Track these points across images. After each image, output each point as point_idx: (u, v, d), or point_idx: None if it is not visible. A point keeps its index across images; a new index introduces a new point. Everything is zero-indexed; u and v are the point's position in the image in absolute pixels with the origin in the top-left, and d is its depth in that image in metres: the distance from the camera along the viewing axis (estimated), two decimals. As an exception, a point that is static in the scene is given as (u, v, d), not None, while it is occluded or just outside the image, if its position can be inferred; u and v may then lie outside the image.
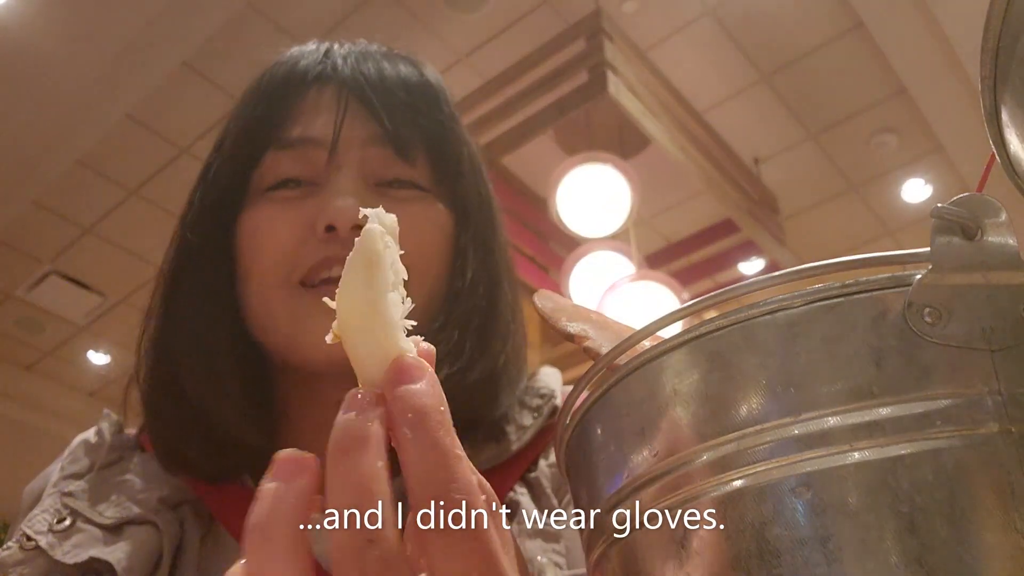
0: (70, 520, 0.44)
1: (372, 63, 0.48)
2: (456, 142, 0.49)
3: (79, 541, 0.43)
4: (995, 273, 0.25)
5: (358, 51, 0.50)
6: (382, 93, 0.47)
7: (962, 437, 0.23)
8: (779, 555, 0.23)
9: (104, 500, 0.45)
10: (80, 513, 0.44)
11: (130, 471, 0.47)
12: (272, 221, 0.46)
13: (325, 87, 0.48)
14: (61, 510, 0.45)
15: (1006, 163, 0.29)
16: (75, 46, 2.71)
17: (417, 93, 0.48)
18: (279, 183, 0.47)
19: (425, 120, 0.48)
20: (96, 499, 0.45)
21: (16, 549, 0.44)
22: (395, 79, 0.48)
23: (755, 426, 0.25)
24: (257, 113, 0.49)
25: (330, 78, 0.48)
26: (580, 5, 2.67)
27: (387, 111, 0.46)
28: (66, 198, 3.46)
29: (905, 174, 3.41)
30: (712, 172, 2.71)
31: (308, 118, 0.47)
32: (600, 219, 2.45)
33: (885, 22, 2.72)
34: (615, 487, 0.28)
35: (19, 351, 4.46)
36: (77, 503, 0.45)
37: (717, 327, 0.26)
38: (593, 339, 0.35)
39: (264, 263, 0.45)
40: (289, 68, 0.50)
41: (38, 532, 0.44)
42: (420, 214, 0.47)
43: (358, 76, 0.47)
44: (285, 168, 0.47)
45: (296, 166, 0.47)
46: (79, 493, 0.46)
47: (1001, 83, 0.27)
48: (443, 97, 0.50)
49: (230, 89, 3.03)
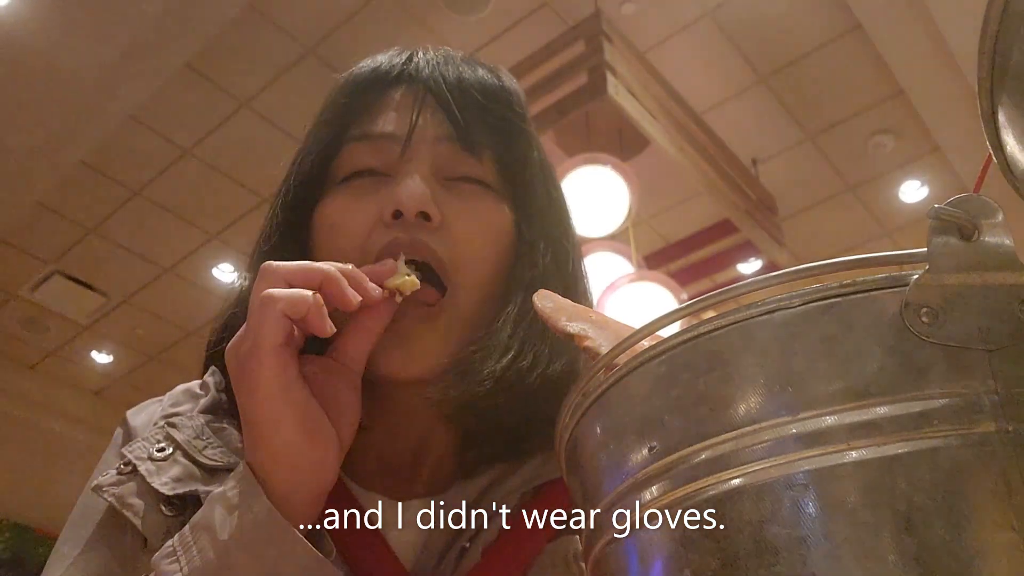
0: (171, 450, 0.45)
1: (452, 66, 0.51)
2: (525, 146, 0.51)
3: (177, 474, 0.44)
4: (992, 273, 0.25)
5: (440, 56, 0.52)
6: (457, 94, 0.49)
7: (959, 436, 0.23)
8: (777, 553, 0.23)
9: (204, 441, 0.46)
10: (180, 446, 0.46)
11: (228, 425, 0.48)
12: (346, 209, 0.48)
13: (405, 86, 0.50)
14: (162, 440, 0.46)
15: (1003, 164, 0.29)
16: (78, 47, 2.71)
17: (491, 96, 0.50)
18: (355, 173, 0.49)
19: (495, 121, 0.50)
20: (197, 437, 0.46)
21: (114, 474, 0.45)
22: (472, 81, 0.50)
23: (753, 425, 0.25)
24: (339, 108, 0.51)
25: (411, 78, 0.50)
26: (579, 7, 2.67)
27: (460, 110, 0.48)
28: (70, 198, 3.46)
29: (902, 175, 3.41)
30: (711, 173, 2.71)
31: (386, 114, 0.49)
32: (599, 219, 2.45)
33: (883, 24, 2.73)
34: (615, 486, 0.28)
35: (23, 350, 4.46)
36: (179, 435, 0.46)
37: (716, 327, 0.26)
38: (593, 339, 0.35)
39: (337, 249, 0.47)
40: (372, 68, 0.52)
41: (138, 458, 0.45)
42: (482, 208, 0.48)
43: (437, 77, 0.50)
44: (362, 159, 0.49)
45: (372, 158, 0.49)
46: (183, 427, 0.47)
47: (998, 85, 0.27)
48: (516, 101, 0.52)
49: (232, 90, 3.02)
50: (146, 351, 4.45)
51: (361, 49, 2.37)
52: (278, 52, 2.90)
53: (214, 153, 3.28)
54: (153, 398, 0.54)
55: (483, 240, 0.47)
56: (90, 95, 2.87)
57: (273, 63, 2.95)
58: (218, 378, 0.51)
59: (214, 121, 3.15)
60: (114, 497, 0.44)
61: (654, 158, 2.77)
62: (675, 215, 3.52)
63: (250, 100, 3.08)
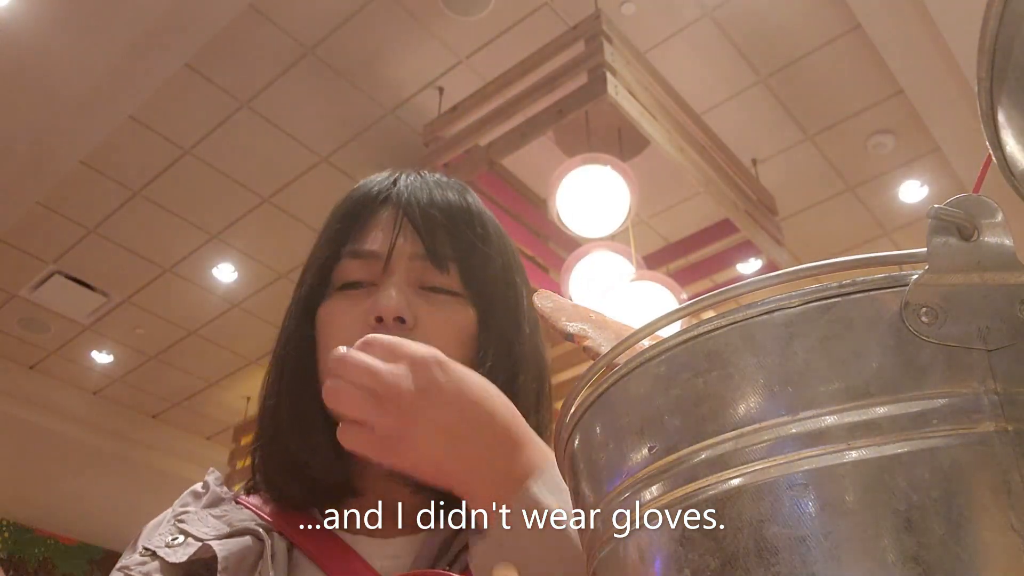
0: (183, 539, 0.55)
1: (425, 191, 0.61)
2: (483, 257, 0.61)
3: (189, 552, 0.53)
4: (991, 273, 0.25)
5: (417, 180, 0.63)
6: (426, 217, 0.60)
7: (959, 436, 0.23)
8: (777, 553, 0.23)
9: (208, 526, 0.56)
10: (190, 533, 0.55)
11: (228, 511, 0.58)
12: (340, 314, 0.59)
13: (387, 209, 0.61)
14: (176, 532, 0.56)
15: (1002, 164, 0.29)
16: (79, 48, 2.71)
17: (455, 217, 0.61)
18: (348, 284, 0.60)
19: (458, 238, 0.60)
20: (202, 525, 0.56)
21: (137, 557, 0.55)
22: (442, 205, 0.61)
23: (753, 425, 0.25)
24: (335, 228, 0.62)
25: (392, 201, 0.61)
26: (579, 7, 2.67)
27: (429, 231, 0.59)
28: (70, 198, 3.46)
29: (902, 175, 3.41)
30: (710, 173, 2.71)
31: (373, 234, 0.60)
32: (599, 220, 2.45)
33: (882, 24, 2.73)
34: (614, 486, 0.28)
35: (23, 350, 4.46)
36: (188, 528, 0.56)
37: (715, 327, 0.26)
38: (592, 338, 0.35)
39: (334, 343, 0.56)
40: (364, 192, 0.63)
41: (156, 546, 0.55)
42: (449, 312, 0.59)
43: (412, 201, 0.60)
44: (353, 273, 0.60)
45: (361, 271, 0.60)
46: (190, 521, 0.57)
47: (997, 84, 0.27)
48: (478, 220, 0.62)
49: (232, 90, 3.03)
50: (146, 351, 4.45)
51: (361, 49, 2.38)
52: (278, 52, 2.90)
53: (214, 153, 3.28)
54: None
55: (448, 338, 0.57)
56: (90, 95, 2.87)
57: (273, 63, 2.95)
58: (216, 475, 0.63)
59: (214, 121, 3.15)
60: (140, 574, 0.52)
61: (654, 158, 2.77)
62: (675, 215, 3.52)
63: (250, 100, 3.08)
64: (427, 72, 2.99)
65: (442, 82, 3.02)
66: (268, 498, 0.60)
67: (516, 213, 3.02)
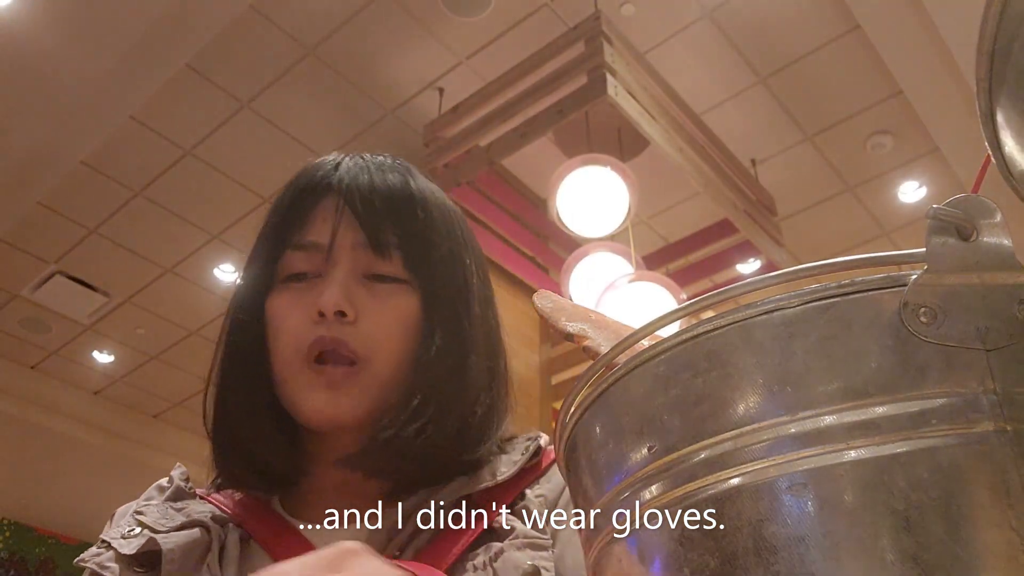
0: (138, 530, 0.56)
1: (366, 176, 0.60)
2: (427, 241, 0.60)
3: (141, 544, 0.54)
4: (990, 273, 0.25)
5: (359, 164, 0.62)
6: (367, 204, 0.59)
7: (957, 436, 0.23)
8: (776, 552, 0.23)
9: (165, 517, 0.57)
10: (147, 525, 0.56)
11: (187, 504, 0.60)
12: (287, 307, 0.59)
13: (329, 198, 0.60)
14: (133, 525, 0.57)
15: (1001, 164, 0.29)
16: (79, 48, 2.71)
17: (396, 202, 0.60)
18: (292, 276, 0.60)
19: (400, 224, 0.59)
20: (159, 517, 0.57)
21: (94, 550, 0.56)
22: (381, 189, 0.60)
23: (752, 424, 0.25)
24: (278, 219, 0.61)
25: (333, 190, 0.60)
26: (579, 8, 2.67)
27: (369, 220, 0.58)
28: (71, 199, 3.46)
29: (901, 175, 3.41)
30: (710, 173, 2.71)
31: (315, 224, 0.60)
32: (599, 220, 2.45)
33: (882, 25, 2.73)
34: (614, 486, 0.28)
35: (24, 350, 4.46)
36: (145, 519, 0.57)
37: (715, 327, 0.26)
38: (592, 338, 0.35)
39: (280, 341, 0.58)
40: (307, 179, 0.62)
41: (112, 538, 0.56)
42: (392, 301, 0.58)
43: (352, 188, 0.59)
44: (297, 264, 0.60)
45: (304, 263, 0.59)
46: (148, 512, 0.58)
47: (997, 85, 0.27)
48: (420, 203, 0.61)
49: (233, 91, 3.03)
50: (147, 351, 4.45)
51: (362, 50, 2.39)
52: (279, 53, 2.90)
53: (215, 153, 3.28)
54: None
55: (390, 328, 0.57)
56: (91, 95, 2.87)
57: (274, 64, 2.95)
58: (181, 471, 0.63)
59: (215, 122, 3.15)
60: (95, 564, 0.54)
61: (653, 159, 2.77)
62: (674, 215, 3.52)
63: (251, 101, 3.08)
64: (427, 73, 3.00)
65: (442, 83, 3.02)
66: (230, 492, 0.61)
67: (516, 213, 3.02)
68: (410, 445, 0.55)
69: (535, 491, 0.57)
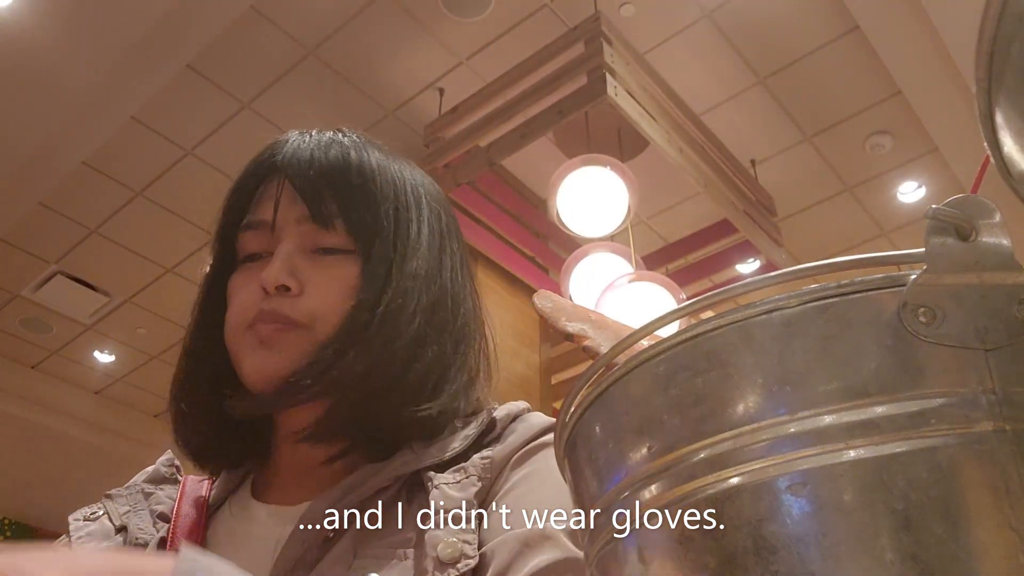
0: (101, 512, 0.60)
1: (306, 151, 0.61)
2: (365, 207, 0.60)
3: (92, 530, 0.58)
4: (989, 273, 0.25)
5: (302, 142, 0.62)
6: (305, 179, 0.59)
7: (957, 435, 0.23)
8: (775, 552, 0.23)
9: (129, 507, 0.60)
10: (108, 511, 0.60)
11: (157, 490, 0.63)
12: (240, 286, 0.60)
13: (273, 176, 0.61)
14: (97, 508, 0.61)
15: (1000, 165, 0.29)
16: (79, 48, 2.71)
17: (335, 173, 0.60)
18: (248, 256, 0.61)
19: (339, 195, 0.59)
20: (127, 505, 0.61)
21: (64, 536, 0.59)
22: (320, 163, 0.60)
23: (752, 424, 0.25)
24: (231, 201, 0.63)
25: (276, 168, 0.61)
26: (579, 9, 2.67)
27: (309, 194, 0.59)
28: (72, 199, 3.46)
29: (900, 176, 3.41)
30: (709, 174, 2.71)
31: (263, 204, 0.61)
32: (599, 220, 2.45)
33: (881, 25, 2.73)
34: (614, 485, 0.28)
35: (25, 350, 4.46)
36: (108, 504, 0.61)
37: (714, 327, 0.26)
38: (592, 338, 0.35)
39: (231, 316, 0.60)
40: (255, 161, 0.63)
41: (75, 519, 0.59)
42: (335, 271, 0.59)
43: (293, 164, 0.60)
44: (250, 244, 0.61)
45: (255, 243, 0.61)
46: (116, 496, 0.61)
47: (996, 85, 0.27)
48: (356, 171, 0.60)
49: (233, 91, 3.03)
50: (148, 351, 4.45)
51: (362, 51, 2.39)
52: (279, 54, 2.90)
53: (215, 154, 3.28)
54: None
55: (333, 296, 0.58)
56: (92, 96, 2.87)
57: (274, 64, 2.95)
58: (167, 456, 0.66)
59: (216, 122, 3.15)
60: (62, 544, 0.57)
61: (653, 159, 2.77)
62: (674, 216, 3.52)
63: (252, 101, 3.08)
64: (427, 73, 3.00)
65: (442, 83, 3.02)
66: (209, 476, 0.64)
67: (516, 213, 3.02)
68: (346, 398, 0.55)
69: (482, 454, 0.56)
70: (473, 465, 0.54)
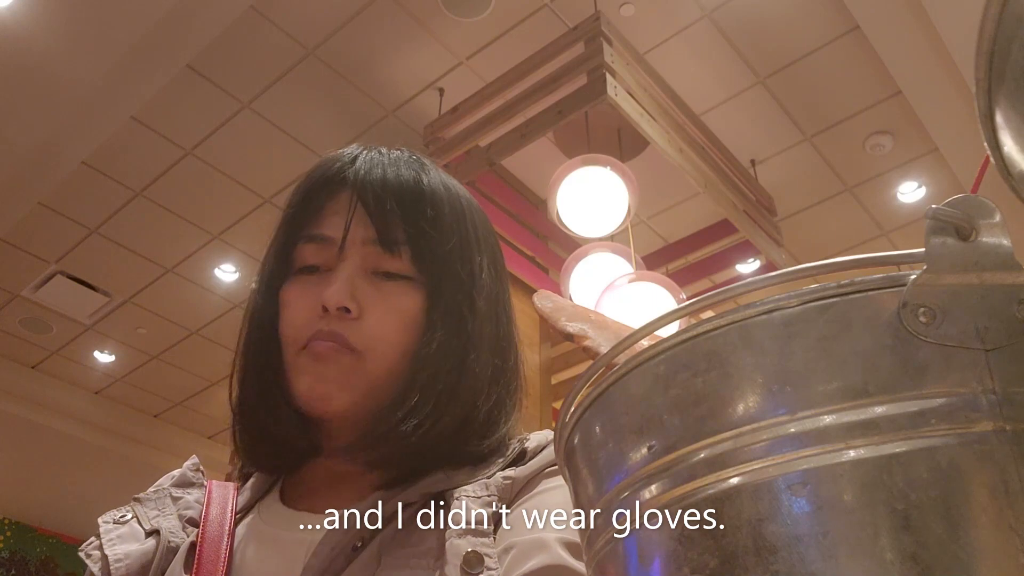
0: (130, 516, 0.60)
1: (379, 171, 0.61)
2: (435, 238, 0.60)
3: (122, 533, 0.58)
4: (989, 273, 0.25)
5: (374, 159, 0.62)
6: (378, 201, 0.59)
7: (957, 435, 0.23)
8: (775, 551, 0.23)
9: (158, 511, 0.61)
10: (137, 514, 0.60)
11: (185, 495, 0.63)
12: (296, 298, 0.60)
13: (343, 192, 0.61)
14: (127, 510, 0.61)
15: (1000, 165, 0.29)
16: (80, 49, 2.71)
17: (407, 199, 0.60)
18: (305, 267, 0.61)
19: (410, 222, 0.60)
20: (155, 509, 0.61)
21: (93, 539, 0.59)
22: (394, 186, 0.60)
23: (752, 424, 0.25)
24: (294, 210, 0.63)
25: (347, 184, 0.61)
26: (579, 9, 2.67)
27: (380, 216, 0.59)
28: (72, 199, 3.47)
29: (900, 176, 3.41)
30: (709, 174, 2.71)
31: (329, 218, 0.61)
32: (599, 220, 2.45)
33: (881, 25, 2.73)
34: (614, 485, 0.28)
35: (25, 350, 4.46)
36: (137, 507, 0.61)
37: (714, 327, 0.26)
38: (592, 338, 0.35)
39: (287, 330, 0.60)
40: (323, 172, 0.63)
41: (104, 521, 0.59)
42: (396, 299, 0.59)
43: (366, 184, 0.60)
44: (310, 257, 0.61)
45: (316, 256, 0.61)
46: (145, 500, 0.62)
47: (995, 85, 0.27)
48: (429, 200, 0.61)
49: (234, 91, 3.03)
50: (148, 351, 4.45)
51: (362, 51, 2.39)
52: (279, 54, 2.90)
53: (216, 154, 3.28)
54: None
55: (392, 326, 0.58)
56: (92, 96, 2.87)
57: (274, 64, 2.95)
58: (193, 461, 0.66)
59: (216, 122, 3.15)
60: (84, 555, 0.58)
61: (653, 159, 2.77)
62: (674, 216, 3.52)
63: (252, 101, 3.08)
64: (427, 73, 3.00)
65: (442, 83, 3.02)
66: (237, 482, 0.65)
67: (516, 213, 3.02)
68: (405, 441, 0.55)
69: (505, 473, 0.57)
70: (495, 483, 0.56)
